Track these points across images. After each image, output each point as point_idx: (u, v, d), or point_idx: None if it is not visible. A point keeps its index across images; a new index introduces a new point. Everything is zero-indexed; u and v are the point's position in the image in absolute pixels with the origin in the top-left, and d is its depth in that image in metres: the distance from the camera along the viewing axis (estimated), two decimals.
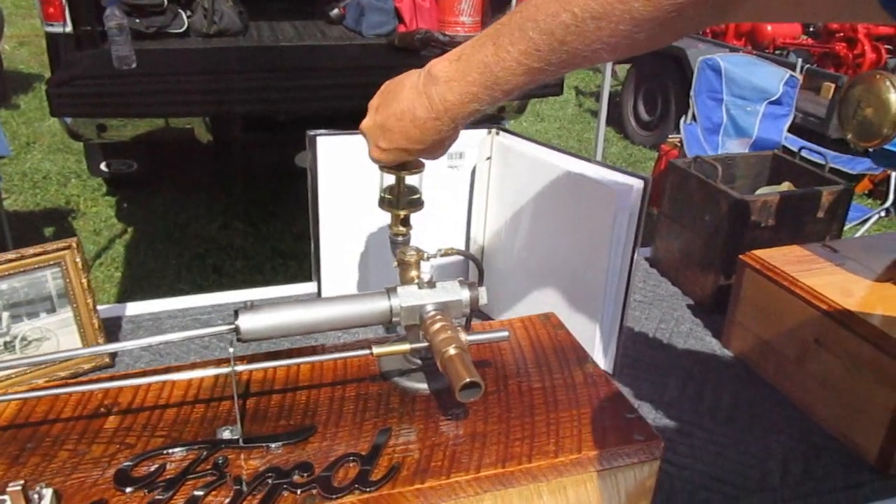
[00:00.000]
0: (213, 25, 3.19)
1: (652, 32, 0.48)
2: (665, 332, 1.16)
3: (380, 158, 0.71)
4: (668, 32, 0.49)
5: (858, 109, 0.82)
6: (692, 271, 1.26)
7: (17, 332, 0.93)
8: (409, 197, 0.82)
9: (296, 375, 0.77)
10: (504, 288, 1.12)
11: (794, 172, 1.35)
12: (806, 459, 0.89)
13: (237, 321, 0.68)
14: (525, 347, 0.83)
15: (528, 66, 0.55)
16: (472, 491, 0.64)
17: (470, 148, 1.12)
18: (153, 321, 1.12)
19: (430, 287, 0.73)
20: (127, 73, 2.48)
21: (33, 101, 5.57)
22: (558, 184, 0.99)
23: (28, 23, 7.69)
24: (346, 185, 1.05)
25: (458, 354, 0.66)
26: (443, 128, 0.63)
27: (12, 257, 0.90)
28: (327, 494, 0.60)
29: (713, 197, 1.20)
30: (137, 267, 3.31)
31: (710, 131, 3.62)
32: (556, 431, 0.69)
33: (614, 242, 0.92)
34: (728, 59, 3.65)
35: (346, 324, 0.73)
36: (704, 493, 0.83)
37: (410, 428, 0.69)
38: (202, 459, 0.63)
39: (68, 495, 0.59)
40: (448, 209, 1.16)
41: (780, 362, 1.02)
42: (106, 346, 0.78)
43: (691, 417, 0.96)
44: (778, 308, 1.01)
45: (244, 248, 3.49)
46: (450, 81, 0.60)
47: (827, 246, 1.08)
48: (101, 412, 0.70)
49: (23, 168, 4.31)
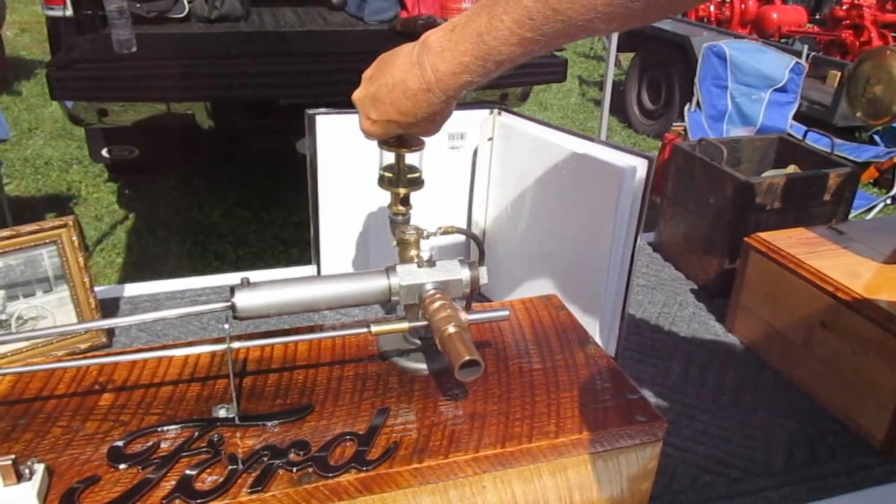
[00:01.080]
0: (215, 10, 3.17)
1: (648, 2, 0.47)
2: (668, 317, 1.15)
3: (369, 130, 0.69)
4: (664, 3, 0.48)
5: (868, 86, 0.80)
6: (696, 255, 1.25)
7: (14, 311, 0.92)
8: (408, 175, 0.81)
9: (293, 354, 0.76)
10: (505, 270, 1.11)
11: (800, 155, 1.33)
12: (811, 443, 0.88)
13: (233, 298, 0.66)
14: (526, 328, 0.82)
15: (521, 35, 0.53)
16: (472, 471, 0.63)
17: (471, 128, 1.10)
18: (151, 302, 1.11)
19: (430, 266, 0.72)
20: (127, 56, 2.46)
21: (35, 87, 5.56)
22: (561, 164, 0.97)
23: (30, 9, 7.66)
24: (346, 164, 1.04)
25: (457, 333, 0.64)
26: (434, 100, 0.62)
27: (8, 234, 0.89)
28: (323, 473, 0.59)
29: (718, 180, 1.19)
30: (138, 253, 3.30)
31: (715, 119, 3.59)
32: (556, 412, 0.68)
33: (618, 222, 0.91)
34: (733, 46, 3.62)
35: (344, 302, 0.71)
36: (707, 476, 0.82)
37: (409, 408, 0.68)
38: (197, 437, 0.63)
39: (60, 471, 0.58)
40: (449, 191, 1.14)
41: (785, 346, 1.00)
42: (101, 322, 0.77)
43: (694, 401, 0.95)
44: (783, 291, 1.00)
45: (245, 235, 3.48)
46: (443, 51, 0.59)
47: (833, 228, 1.07)
48: (96, 389, 0.69)
49: (24, 154, 4.30)
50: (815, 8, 6.55)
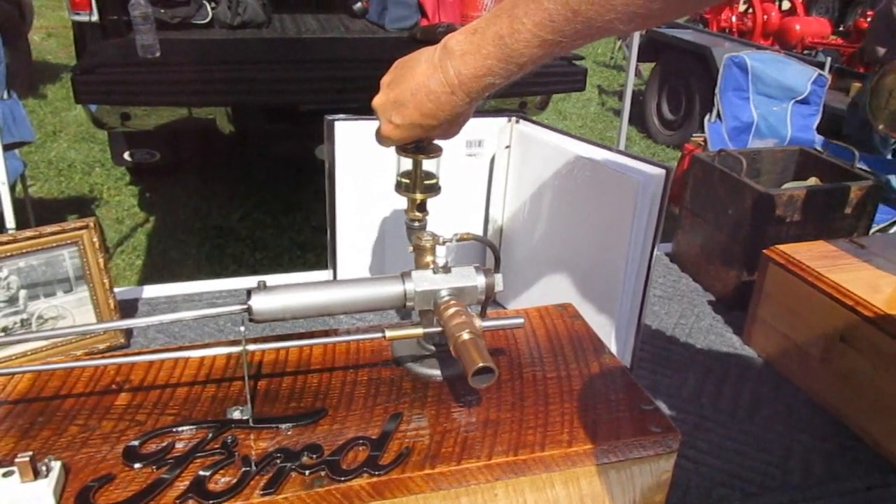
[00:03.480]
0: (237, 17, 3.20)
1: (667, 1, 0.47)
2: (685, 328, 1.14)
3: (391, 135, 0.70)
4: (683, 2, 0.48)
5: (891, 99, 0.79)
6: (714, 266, 1.24)
7: (34, 310, 0.93)
8: (425, 182, 0.81)
9: (308, 358, 0.76)
10: (521, 278, 1.11)
11: (821, 167, 1.32)
12: (829, 459, 0.87)
13: (250, 301, 0.67)
14: (540, 336, 0.81)
15: (542, 37, 0.54)
16: (484, 478, 0.62)
17: (489, 136, 1.10)
18: (168, 304, 1.12)
19: (446, 272, 0.72)
20: (151, 61, 2.50)
21: (60, 91, 5.64)
22: (578, 173, 0.97)
23: (57, 14, 7.78)
24: (364, 169, 1.04)
25: (471, 339, 0.64)
26: (458, 102, 0.62)
27: (30, 235, 0.90)
28: (336, 477, 0.59)
29: (737, 191, 1.18)
30: (158, 255, 3.33)
31: (737, 130, 3.56)
32: (570, 421, 0.68)
33: (634, 232, 0.90)
34: (755, 57, 3.59)
35: (359, 307, 0.72)
36: (722, 489, 0.81)
37: (422, 414, 0.68)
38: (211, 438, 0.63)
39: (77, 469, 0.59)
40: (466, 198, 1.14)
41: (803, 360, 0.99)
42: (119, 322, 0.78)
43: (710, 414, 0.94)
44: (802, 304, 0.99)
45: (263, 239, 3.51)
46: (465, 55, 0.59)
47: (854, 242, 1.06)
48: (113, 389, 0.69)
49: (49, 156, 4.36)
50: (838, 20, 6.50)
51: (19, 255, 0.91)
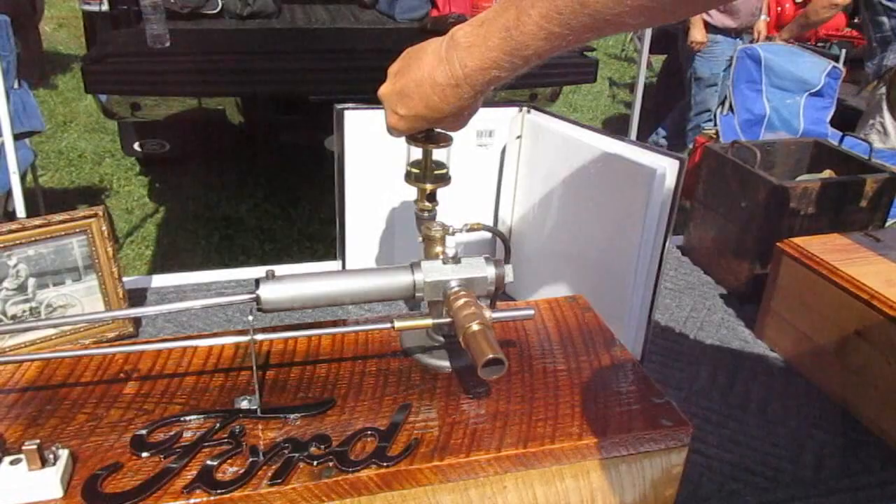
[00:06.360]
0: (247, 7, 3.20)
1: None
2: (696, 321, 1.13)
3: (396, 126, 0.69)
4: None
5: None
6: (726, 259, 1.22)
7: (43, 299, 0.93)
8: (435, 172, 0.80)
9: (316, 348, 0.75)
10: (531, 270, 1.10)
11: (836, 160, 1.30)
12: (842, 454, 0.86)
13: (258, 290, 0.66)
14: (551, 328, 0.81)
15: (549, 30, 0.52)
16: (493, 470, 0.62)
17: (500, 126, 1.09)
18: (177, 293, 1.12)
19: (455, 263, 0.71)
20: (160, 51, 2.50)
21: (71, 81, 5.65)
22: (590, 163, 0.96)
23: (67, 4, 7.80)
24: (373, 159, 1.04)
25: (481, 330, 0.64)
26: (463, 94, 0.61)
27: (39, 223, 0.90)
28: (344, 467, 0.59)
29: (751, 183, 1.16)
30: (167, 246, 3.34)
31: (749, 122, 3.52)
32: (580, 413, 0.67)
33: (646, 224, 0.89)
34: (768, 49, 3.55)
35: (368, 297, 0.71)
36: (734, 484, 0.80)
37: (431, 405, 0.68)
38: (219, 428, 0.63)
39: (84, 457, 0.58)
40: (476, 188, 1.13)
41: (817, 354, 0.98)
42: (128, 311, 0.78)
43: (721, 408, 0.93)
44: (816, 298, 0.98)
45: (272, 230, 3.51)
46: (471, 47, 0.58)
47: (869, 235, 1.04)
48: (121, 377, 0.69)
49: (59, 146, 4.38)
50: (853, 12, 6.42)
51: (28, 243, 0.91)
